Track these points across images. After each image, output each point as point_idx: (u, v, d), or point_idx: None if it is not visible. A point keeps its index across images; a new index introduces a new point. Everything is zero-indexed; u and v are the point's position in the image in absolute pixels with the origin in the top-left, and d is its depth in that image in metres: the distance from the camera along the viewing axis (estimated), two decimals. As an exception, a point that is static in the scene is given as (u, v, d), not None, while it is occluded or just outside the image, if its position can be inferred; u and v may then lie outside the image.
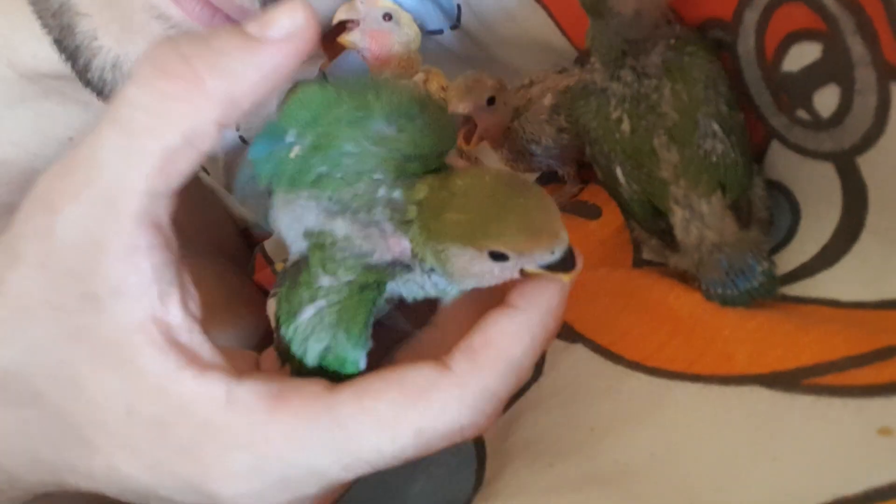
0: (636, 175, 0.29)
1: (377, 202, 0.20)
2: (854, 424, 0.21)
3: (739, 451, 0.23)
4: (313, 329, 0.21)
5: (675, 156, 0.27)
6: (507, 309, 0.20)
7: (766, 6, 0.26)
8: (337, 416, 0.19)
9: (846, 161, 0.25)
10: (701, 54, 0.28)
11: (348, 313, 0.21)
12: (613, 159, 0.29)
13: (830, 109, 0.25)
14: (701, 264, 0.28)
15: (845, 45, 0.23)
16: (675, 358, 0.26)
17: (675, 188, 0.28)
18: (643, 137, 0.28)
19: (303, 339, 0.21)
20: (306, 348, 0.21)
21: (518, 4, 0.42)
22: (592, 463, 0.25)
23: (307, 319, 0.21)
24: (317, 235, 0.21)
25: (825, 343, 0.24)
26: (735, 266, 0.27)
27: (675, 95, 0.27)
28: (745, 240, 0.27)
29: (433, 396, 0.19)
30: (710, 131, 0.27)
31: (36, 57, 0.41)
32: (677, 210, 0.28)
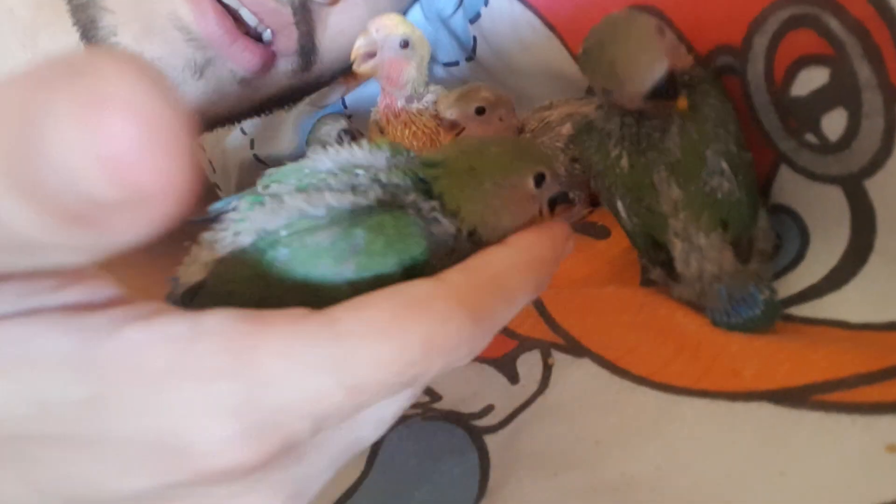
0: (636, 209, 0.29)
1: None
2: (862, 441, 0.21)
3: (746, 466, 0.22)
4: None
5: (677, 191, 0.28)
6: (504, 245, 0.21)
7: (775, 32, 0.26)
8: (335, 329, 0.16)
9: (854, 184, 0.26)
10: (713, 93, 0.28)
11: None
12: (614, 193, 0.30)
13: (838, 133, 0.26)
14: (702, 294, 0.28)
15: (852, 69, 0.24)
16: (683, 373, 0.26)
17: (675, 221, 0.28)
18: (642, 173, 0.28)
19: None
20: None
21: (533, 34, 0.43)
22: (597, 475, 0.24)
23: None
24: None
25: (834, 361, 0.24)
26: (736, 295, 0.27)
27: (684, 132, 0.28)
28: (746, 272, 0.28)
29: (435, 305, 0.18)
30: (718, 168, 0.27)
31: None
32: (677, 242, 0.28)
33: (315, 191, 0.21)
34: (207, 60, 0.41)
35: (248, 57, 0.41)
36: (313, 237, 0.20)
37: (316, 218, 0.20)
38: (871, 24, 0.23)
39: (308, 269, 0.19)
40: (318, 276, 0.19)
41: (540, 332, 0.32)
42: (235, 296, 0.20)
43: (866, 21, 0.23)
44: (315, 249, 0.20)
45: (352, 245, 0.20)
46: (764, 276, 0.28)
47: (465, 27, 0.50)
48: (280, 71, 0.45)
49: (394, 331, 0.17)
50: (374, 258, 0.20)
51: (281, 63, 0.44)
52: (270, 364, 0.16)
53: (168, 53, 0.40)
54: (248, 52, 0.40)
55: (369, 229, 0.20)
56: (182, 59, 0.40)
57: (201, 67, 0.41)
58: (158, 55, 0.40)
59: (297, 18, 0.42)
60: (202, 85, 0.42)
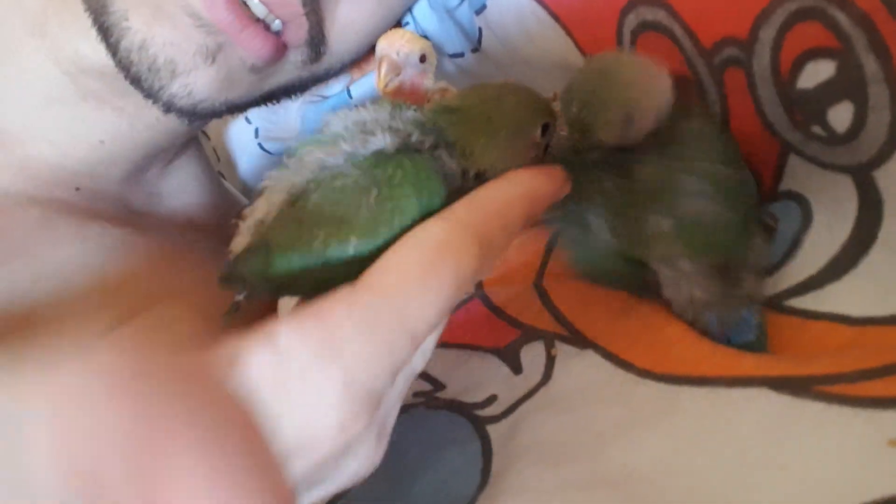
0: (619, 230, 0.28)
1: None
2: (864, 435, 0.21)
3: (747, 459, 0.22)
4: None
5: (660, 219, 0.27)
6: (504, 180, 0.24)
7: (782, 24, 0.26)
8: (384, 295, 0.20)
9: (863, 174, 0.25)
10: (692, 118, 0.28)
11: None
12: (589, 207, 0.29)
13: (845, 125, 0.25)
14: (695, 322, 0.28)
15: (859, 62, 0.24)
16: (683, 359, 0.26)
17: (660, 247, 0.27)
18: (626, 198, 0.28)
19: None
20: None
21: (538, 25, 0.43)
22: (599, 466, 0.25)
23: None
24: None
25: (836, 358, 0.24)
26: (728, 322, 0.27)
27: (661, 160, 0.27)
28: (737, 296, 0.27)
29: (453, 245, 0.21)
30: (700, 190, 0.27)
31: (78, 52, 0.42)
32: (662, 268, 0.28)
33: (331, 144, 0.23)
34: (219, 46, 0.41)
35: (259, 45, 0.41)
36: (337, 181, 0.22)
37: (336, 166, 0.23)
38: (878, 16, 0.23)
39: (336, 210, 0.22)
40: (347, 215, 0.22)
41: (544, 322, 0.32)
42: (277, 249, 0.22)
43: (873, 13, 0.23)
44: (341, 189, 0.22)
45: (374, 181, 0.22)
46: (757, 295, 0.28)
47: (471, 18, 0.50)
48: (290, 62, 0.45)
49: (430, 280, 0.20)
50: (395, 192, 0.22)
51: (291, 54, 0.44)
52: (349, 347, 0.19)
53: (179, 38, 0.40)
54: (258, 39, 0.40)
55: (390, 168, 0.23)
56: (194, 44, 0.40)
57: (213, 53, 0.41)
58: (170, 40, 0.40)
59: (307, 9, 0.42)
60: (214, 71, 0.41)
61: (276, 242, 0.22)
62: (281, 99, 0.50)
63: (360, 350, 0.19)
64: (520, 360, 0.31)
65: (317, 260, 0.22)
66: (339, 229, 0.22)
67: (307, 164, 0.23)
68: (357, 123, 0.24)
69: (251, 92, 0.46)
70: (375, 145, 0.23)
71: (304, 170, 0.23)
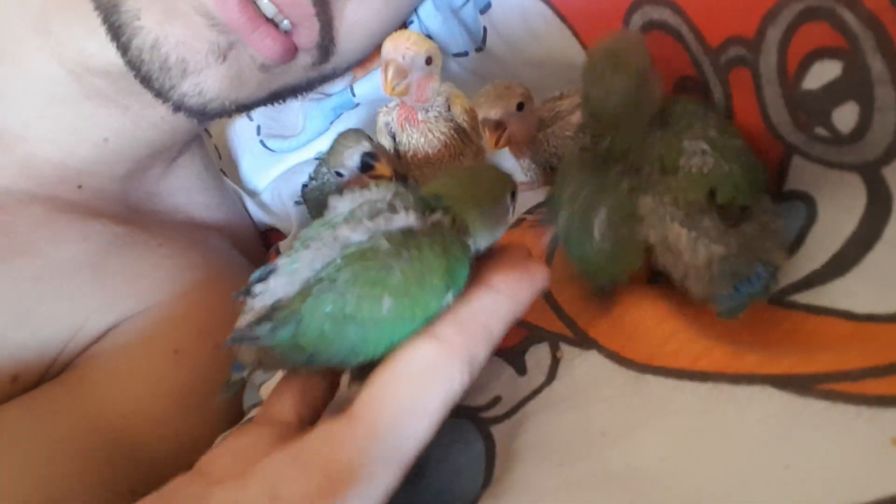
0: (618, 227, 0.29)
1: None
2: (868, 433, 0.21)
3: (751, 457, 0.22)
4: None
5: (670, 181, 0.28)
6: (490, 290, 0.25)
7: (789, 24, 0.26)
8: (374, 426, 0.22)
9: (872, 171, 0.25)
10: (682, 100, 0.29)
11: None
12: (596, 208, 0.29)
13: (849, 126, 0.25)
14: (713, 281, 0.27)
15: (865, 63, 0.24)
16: (680, 352, 0.26)
17: (675, 209, 0.28)
18: (640, 184, 0.28)
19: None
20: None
21: (544, 24, 0.43)
22: (603, 465, 0.25)
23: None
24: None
25: (840, 355, 0.24)
26: (742, 273, 0.27)
27: (661, 134, 0.28)
28: (752, 246, 0.27)
29: (442, 370, 0.23)
30: (697, 150, 0.28)
31: (84, 51, 0.42)
32: (682, 232, 0.28)
33: (356, 221, 0.25)
34: (230, 45, 0.41)
35: (270, 44, 0.41)
36: (368, 251, 0.24)
37: (363, 241, 0.24)
38: (886, 16, 0.23)
39: (368, 274, 0.24)
40: (379, 277, 0.23)
41: (548, 321, 0.32)
42: (308, 316, 0.24)
43: (881, 13, 0.23)
44: (374, 255, 0.24)
45: (406, 248, 0.24)
46: (768, 248, 0.28)
47: (476, 17, 0.50)
48: (298, 62, 0.45)
49: (421, 408, 0.23)
50: (425, 261, 0.24)
51: (300, 55, 0.44)
52: (344, 487, 0.21)
53: (191, 37, 0.40)
54: (269, 39, 0.40)
55: (424, 241, 0.24)
56: (206, 42, 0.40)
57: (224, 52, 0.41)
58: (182, 39, 0.40)
59: (317, 10, 0.42)
60: (224, 70, 0.42)
61: (307, 310, 0.24)
62: (287, 98, 0.50)
63: (356, 486, 0.21)
64: (525, 361, 0.31)
65: (348, 324, 0.24)
66: (373, 289, 0.23)
67: (327, 242, 0.25)
68: (368, 203, 0.26)
69: (259, 91, 0.46)
70: (401, 223, 0.25)
71: (326, 248, 0.25)
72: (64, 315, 0.42)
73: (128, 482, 0.38)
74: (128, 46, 0.40)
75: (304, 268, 0.25)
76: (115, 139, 0.47)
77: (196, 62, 0.41)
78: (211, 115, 0.45)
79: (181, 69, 0.41)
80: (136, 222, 0.50)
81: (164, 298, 0.46)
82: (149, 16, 0.39)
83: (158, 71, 0.41)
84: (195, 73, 0.41)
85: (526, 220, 0.43)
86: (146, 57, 0.40)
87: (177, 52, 0.40)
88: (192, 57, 0.40)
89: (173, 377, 0.43)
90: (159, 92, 0.42)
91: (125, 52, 0.40)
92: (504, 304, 0.25)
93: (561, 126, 0.38)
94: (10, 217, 0.44)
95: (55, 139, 0.46)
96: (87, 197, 0.48)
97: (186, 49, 0.40)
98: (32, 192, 0.46)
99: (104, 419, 0.39)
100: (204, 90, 0.42)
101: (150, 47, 0.40)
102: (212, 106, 0.43)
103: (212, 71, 0.41)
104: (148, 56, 0.40)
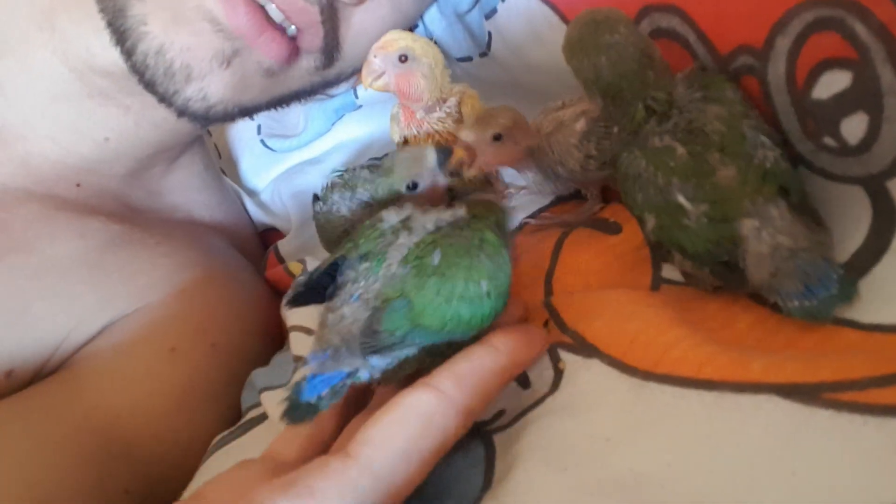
0: (701, 194, 0.28)
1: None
2: (874, 442, 0.21)
3: (757, 465, 0.22)
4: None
5: (733, 168, 0.27)
6: (490, 349, 0.27)
7: (798, 34, 0.26)
8: (369, 466, 0.23)
9: (876, 184, 0.25)
10: (724, 82, 0.29)
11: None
12: (673, 188, 0.28)
13: (858, 137, 0.26)
14: (777, 275, 0.26)
15: (875, 73, 0.24)
16: (684, 360, 0.26)
17: (742, 195, 0.27)
18: (700, 156, 0.28)
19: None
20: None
21: (549, 30, 0.43)
22: (606, 470, 0.24)
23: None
24: None
25: (845, 363, 0.24)
26: (812, 273, 0.26)
27: (717, 114, 0.28)
28: (819, 244, 0.27)
29: (438, 420, 0.25)
30: (758, 142, 0.27)
31: (89, 50, 0.42)
32: (746, 221, 0.27)
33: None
34: (235, 51, 0.41)
35: (276, 48, 0.41)
36: (448, 239, 0.28)
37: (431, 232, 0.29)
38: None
39: (461, 260, 0.28)
40: (473, 263, 0.28)
41: (552, 334, 0.32)
42: (419, 299, 0.27)
43: (892, 25, 0.23)
44: (458, 244, 0.28)
45: (480, 237, 0.29)
46: (833, 252, 0.27)
47: (481, 22, 0.50)
48: (303, 67, 0.45)
49: (415, 454, 0.24)
50: (489, 245, 0.29)
51: (304, 59, 0.44)
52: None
53: (196, 44, 0.40)
54: (275, 43, 0.41)
55: (482, 225, 0.30)
56: (210, 49, 0.40)
57: (229, 58, 0.41)
58: (187, 45, 0.40)
59: (324, 17, 0.42)
60: (228, 75, 0.42)
61: (418, 295, 0.27)
62: (291, 103, 0.51)
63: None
64: (527, 374, 0.31)
65: (457, 306, 0.27)
66: (470, 274, 0.27)
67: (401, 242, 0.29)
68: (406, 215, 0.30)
69: (263, 96, 0.46)
70: (454, 216, 0.30)
71: (405, 243, 0.28)
72: (60, 312, 0.42)
73: (122, 482, 0.37)
74: (132, 51, 0.40)
75: (372, 283, 0.28)
76: (116, 138, 0.47)
77: (200, 68, 0.41)
78: (214, 119, 0.46)
79: (185, 74, 0.41)
80: (135, 220, 0.50)
81: (162, 296, 0.46)
82: (155, 21, 0.39)
83: (163, 76, 0.41)
84: (199, 78, 0.41)
85: (528, 224, 0.43)
86: (151, 62, 0.40)
87: (181, 58, 0.40)
88: (196, 63, 0.41)
89: (169, 376, 0.43)
90: (163, 97, 0.42)
91: (129, 56, 0.40)
92: (501, 363, 0.27)
93: (565, 134, 0.38)
94: (6, 214, 0.43)
95: (56, 137, 0.46)
96: (85, 195, 0.48)
97: (191, 55, 0.40)
98: (30, 190, 0.45)
99: (99, 417, 0.39)
100: (208, 95, 0.42)
101: (156, 53, 0.40)
102: (215, 111, 0.44)
103: (216, 76, 0.42)
104: (153, 61, 0.40)
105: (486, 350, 0.27)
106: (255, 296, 0.52)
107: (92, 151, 0.47)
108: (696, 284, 0.31)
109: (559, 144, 0.38)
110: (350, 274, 0.28)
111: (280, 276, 0.54)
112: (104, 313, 0.44)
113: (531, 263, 0.38)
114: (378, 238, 0.29)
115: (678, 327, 0.28)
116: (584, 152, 0.37)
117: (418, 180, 0.38)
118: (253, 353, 0.47)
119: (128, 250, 0.46)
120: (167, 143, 0.52)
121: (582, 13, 0.30)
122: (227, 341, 0.46)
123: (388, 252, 0.28)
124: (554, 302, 0.33)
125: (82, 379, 0.41)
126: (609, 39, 0.29)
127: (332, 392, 0.26)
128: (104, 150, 0.48)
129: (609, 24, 0.29)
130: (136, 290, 0.45)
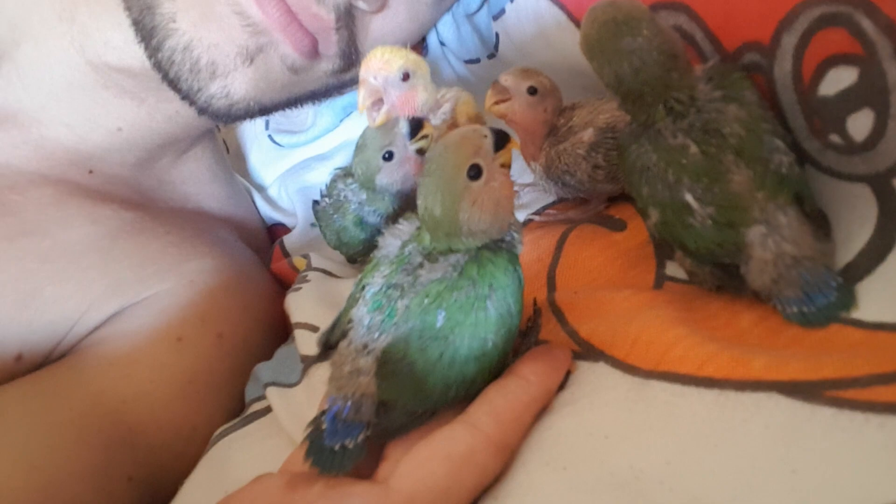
0: (710, 196, 0.27)
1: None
2: (876, 440, 0.21)
3: (757, 462, 0.22)
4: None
5: (747, 171, 0.27)
6: (521, 380, 0.27)
7: (805, 30, 0.26)
8: (410, 499, 0.24)
9: (882, 182, 0.25)
10: (744, 80, 0.28)
11: None
12: (682, 186, 0.28)
13: (864, 134, 0.25)
14: (778, 281, 0.27)
15: (882, 70, 0.24)
16: (685, 358, 0.26)
17: (752, 202, 0.27)
18: (713, 157, 0.27)
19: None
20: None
21: (558, 30, 0.43)
22: (607, 469, 0.24)
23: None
24: None
25: (848, 361, 0.23)
26: (813, 281, 0.26)
27: (736, 116, 0.27)
28: (822, 252, 0.27)
29: (476, 457, 0.25)
30: (774, 146, 0.27)
31: (108, 45, 0.42)
32: (753, 228, 0.27)
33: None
34: (259, 48, 0.42)
35: (301, 38, 0.42)
36: (454, 293, 0.27)
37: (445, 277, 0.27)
38: (904, 24, 0.23)
39: (466, 318, 0.27)
40: (478, 319, 0.27)
41: (558, 338, 0.32)
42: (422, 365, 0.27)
43: (899, 21, 0.23)
44: (462, 301, 0.27)
45: (487, 287, 0.27)
46: (833, 261, 0.27)
47: (489, 24, 0.50)
48: (321, 69, 0.46)
49: (454, 490, 0.24)
50: (499, 293, 0.27)
51: (323, 62, 0.45)
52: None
53: (223, 40, 0.41)
54: (301, 33, 0.41)
55: (489, 268, 0.27)
56: (235, 46, 0.41)
57: (252, 55, 0.42)
58: (215, 41, 0.41)
59: (339, 24, 0.43)
60: (251, 72, 0.43)
61: (422, 358, 0.26)
62: (305, 103, 0.51)
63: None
64: None
65: (461, 368, 0.27)
66: (475, 332, 0.26)
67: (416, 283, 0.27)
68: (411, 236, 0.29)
69: (283, 95, 0.47)
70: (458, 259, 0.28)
71: (415, 286, 0.27)
72: (70, 297, 0.42)
73: (125, 468, 0.38)
74: (159, 48, 0.41)
75: (384, 336, 0.27)
76: (128, 129, 0.48)
77: (225, 65, 0.42)
78: (236, 117, 0.46)
79: (210, 71, 0.42)
80: (146, 209, 0.50)
81: (170, 286, 0.46)
82: (185, 18, 0.40)
83: (189, 73, 0.42)
84: (223, 75, 0.42)
85: (533, 220, 0.43)
86: (178, 58, 0.41)
87: (208, 55, 0.41)
88: (221, 59, 0.41)
89: (175, 365, 0.43)
90: (186, 94, 0.43)
91: (155, 53, 0.41)
92: (533, 394, 0.27)
93: (573, 143, 0.38)
94: (20, 197, 0.44)
95: (70, 123, 0.47)
96: (97, 182, 0.48)
97: (217, 51, 0.41)
98: (44, 174, 0.46)
99: (104, 404, 0.39)
100: (231, 92, 0.43)
101: (183, 49, 0.40)
102: (237, 108, 0.44)
103: (239, 73, 0.42)
104: (179, 57, 0.41)
105: (518, 383, 0.27)
106: (262, 289, 0.52)
107: (105, 140, 0.48)
108: (699, 282, 0.31)
109: (567, 154, 0.38)
110: (361, 317, 0.28)
111: (285, 269, 0.54)
112: (114, 299, 0.44)
113: (534, 257, 0.38)
114: (387, 291, 0.28)
115: (680, 326, 0.28)
116: (592, 163, 0.37)
117: (392, 149, 0.39)
118: (258, 344, 0.48)
119: (138, 238, 0.47)
120: (178, 136, 0.52)
121: (599, 7, 0.28)
122: (232, 332, 0.46)
123: (395, 306, 0.27)
124: (558, 300, 0.33)
125: (90, 365, 0.41)
126: (632, 44, 0.27)
127: (356, 445, 0.26)
128: (116, 140, 0.48)
129: (631, 24, 0.27)
130: (145, 278, 0.46)
